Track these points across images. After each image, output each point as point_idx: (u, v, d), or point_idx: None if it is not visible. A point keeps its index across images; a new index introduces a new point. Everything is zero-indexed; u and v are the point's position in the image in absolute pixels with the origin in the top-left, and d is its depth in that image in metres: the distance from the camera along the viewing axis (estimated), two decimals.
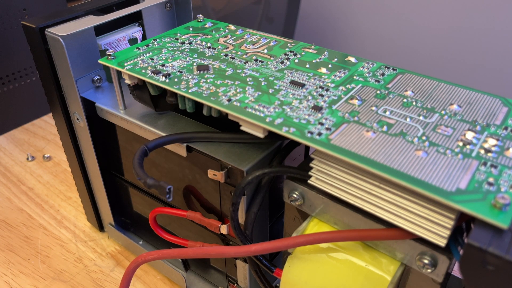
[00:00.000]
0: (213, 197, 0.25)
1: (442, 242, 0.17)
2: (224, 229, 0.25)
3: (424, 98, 0.21)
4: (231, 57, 0.25)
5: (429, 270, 0.18)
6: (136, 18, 0.30)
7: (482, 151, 0.17)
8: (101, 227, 0.35)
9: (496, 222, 0.14)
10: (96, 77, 0.28)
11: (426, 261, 0.18)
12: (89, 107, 0.28)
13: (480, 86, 0.21)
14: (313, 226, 0.22)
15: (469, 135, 0.18)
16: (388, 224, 0.18)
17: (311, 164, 0.20)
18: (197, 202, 0.26)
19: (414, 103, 0.20)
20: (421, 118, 0.19)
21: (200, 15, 0.30)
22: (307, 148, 0.27)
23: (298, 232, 0.22)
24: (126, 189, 0.32)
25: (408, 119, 0.19)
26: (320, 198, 0.21)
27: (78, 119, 0.28)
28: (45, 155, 0.44)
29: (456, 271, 0.19)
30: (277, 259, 0.27)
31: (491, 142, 0.18)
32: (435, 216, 0.17)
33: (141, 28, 0.30)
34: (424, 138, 0.18)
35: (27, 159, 0.44)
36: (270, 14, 1.16)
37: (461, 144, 0.18)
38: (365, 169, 0.17)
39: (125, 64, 0.24)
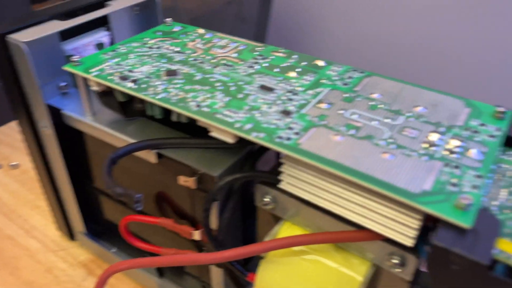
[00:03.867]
0: (185, 203, 0.25)
1: (409, 242, 0.17)
2: (197, 235, 0.24)
3: (390, 100, 0.21)
4: (200, 62, 0.25)
5: (398, 270, 0.19)
6: (103, 23, 0.29)
7: (446, 152, 0.18)
8: (72, 236, 0.34)
9: (460, 222, 0.14)
10: (62, 84, 0.28)
11: (395, 261, 0.18)
12: (56, 115, 0.27)
13: (444, 87, 0.22)
14: (286, 230, 0.22)
15: (434, 137, 0.19)
16: (358, 226, 0.19)
17: (281, 169, 0.20)
18: (169, 208, 0.26)
19: (380, 106, 0.21)
20: (387, 120, 0.20)
21: (169, 18, 0.29)
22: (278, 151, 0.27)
23: (270, 236, 0.22)
24: (97, 196, 0.31)
25: (375, 122, 0.19)
26: (291, 202, 0.21)
27: (44, 127, 0.27)
28: (12, 163, 0.43)
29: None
30: (253, 263, 0.27)
31: (454, 143, 0.18)
32: (402, 217, 0.17)
33: (108, 33, 0.30)
34: (390, 140, 0.18)
35: None
36: (243, 14, 1.16)
37: (426, 145, 0.18)
38: (333, 173, 0.17)
39: (92, 71, 0.24)
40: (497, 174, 0.18)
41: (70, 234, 0.34)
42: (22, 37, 0.25)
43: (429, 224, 0.19)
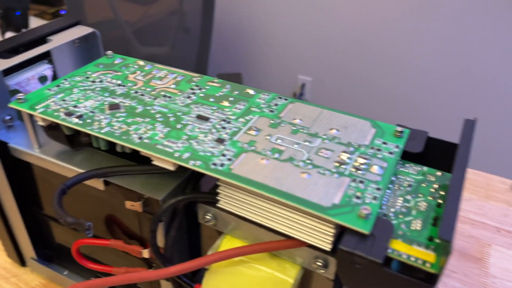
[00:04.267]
0: (133, 225, 0.27)
1: (327, 247, 0.20)
2: (146, 254, 0.26)
3: (309, 124, 0.24)
4: (140, 94, 0.27)
5: (322, 271, 0.22)
6: (45, 56, 0.31)
7: (353, 169, 0.21)
8: (22, 262, 0.35)
9: (360, 229, 0.18)
10: (7, 117, 0.29)
11: (319, 263, 0.22)
12: (2, 148, 0.28)
13: (356, 110, 0.26)
14: (226, 243, 0.25)
15: (344, 156, 0.22)
16: (286, 235, 0.22)
17: (218, 190, 0.22)
18: (119, 230, 0.28)
19: (301, 130, 0.24)
20: (306, 143, 0.23)
21: (109, 51, 0.31)
22: None
23: (213, 249, 0.25)
24: (47, 222, 0.32)
25: (295, 145, 0.23)
26: (230, 218, 0.24)
27: None
28: None
29: None
30: (201, 274, 0.30)
31: (361, 160, 0.22)
32: (319, 227, 0.20)
33: (51, 66, 0.31)
34: (308, 161, 0.22)
35: None
36: (186, 25, 1.17)
37: (337, 164, 0.21)
38: (260, 193, 0.20)
39: (37, 107, 0.25)
40: (396, 185, 0.22)
41: (21, 260, 0.35)
42: None
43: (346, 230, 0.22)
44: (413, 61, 1.08)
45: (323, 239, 0.20)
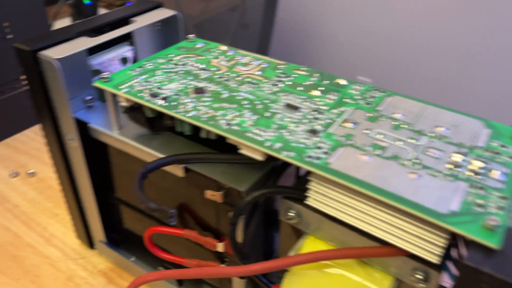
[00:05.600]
0: (209, 216, 0.25)
1: (435, 259, 0.18)
2: (220, 247, 0.25)
3: (413, 120, 0.22)
4: (225, 79, 0.25)
5: (421, 285, 0.19)
6: (126, 38, 0.30)
7: (470, 173, 0.18)
8: (91, 245, 0.35)
9: (489, 244, 0.15)
10: (88, 97, 0.29)
11: (419, 276, 0.19)
12: (82, 128, 0.28)
13: (463, 108, 0.23)
14: (309, 244, 0.23)
15: (457, 157, 0.19)
16: (382, 241, 0.19)
17: (308, 186, 0.20)
18: (193, 220, 0.27)
19: (404, 126, 0.21)
20: (411, 141, 0.20)
21: (192, 35, 0.30)
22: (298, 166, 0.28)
23: (295, 250, 0.23)
24: (118, 206, 0.32)
25: (399, 142, 0.20)
26: (316, 217, 0.22)
27: (71, 139, 0.28)
28: (29, 171, 0.43)
29: (446, 283, 0.20)
30: (272, 274, 0.28)
31: (478, 164, 0.19)
32: (428, 235, 0.18)
33: (132, 47, 0.30)
34: (416, 161, 0.19)
35: (10, 175, 0.43)
36: (245, 21, 1.17)
37: (450, 166, 0.19)
38: (364, 193, 0.18)
39: (121, 87, 0.24)
40: None
41: (90, 242, 0.35)
42: (54, 53, 0.25)
43: (451, 241, 0.19)
44: (480, 60, 1.01)
45: (431, 249, 0.18)
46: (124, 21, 0.30)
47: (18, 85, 0.48)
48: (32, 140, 0.49)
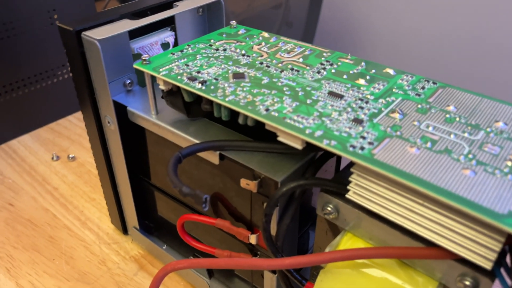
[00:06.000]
0: (243, 206, 0.25)
1: (488, 265, 0.16)
2: (253, 239, 0.24)
3: (467, 114, 0.20)
4: (266, 66, 0.24)
5: None
6: (168, 23, 0.30)
7: None
8: (125, 230, 0.35)
9: None
10: (128, 81, 0.28)
11: (467, 283, 0.17)
12: (121, 111, 0.28)
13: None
14: (347, 241, 0.21)
15: None
16: (428, 242, 0.18)
17: (350, 178, 0.19)
18: (225, 210, 0.26)
19: (457, 119, 0.20)
20: (465, 135, 0.19)
21: (234, 21, 0.29)
22: (338, 160, 0.27)
23: (331, 247, 0.21)
24: (152, 193, 0.32)
25: (452, 136, 0.19)
26: (356, 213, 0.20)
27: (109, 122, 0.28)
28: (70, 155, 0.44)
29: None
30: (304, 270, 0.27)
31: None
32: (482, 238, 0.16)
33: (173, 33, 0.30)
34: (470, 156, 0.17)
35: (52, 158, 0.44)
36: (289, 19, 1.15)
37: (510, 164, 0.17)
38: (411, 186, 0.16)
39: (161, 70, 0.24)
40: None
41: (124, 228, 0.35)
42: (96, 34, 0.25)
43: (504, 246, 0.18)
44: None
45: (484, 253, 0.16)
46: (168, 6, 0.30)
47: (65, 70, 0.49)
48: (75, 125, 0.50)
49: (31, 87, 0.47)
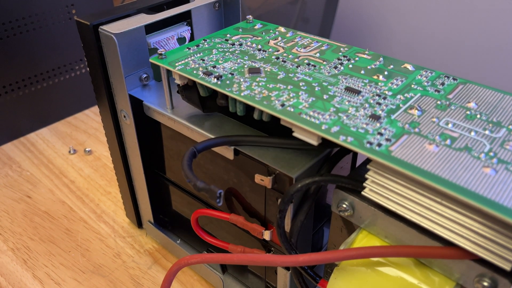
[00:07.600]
0: (257, 202, 0.25)
1: (507, 266, 0.16)
2: (267, 235, 0.24)
3: (488, 111, 0.20)
4: (282, 60, 0.24)
5: None
6: (184, 17, 0.30)
7: None
8: (139, 224, 0.35)
9: None
10: (144, 75, 0.29)
11: (485, 284, 0.17)
12: (137, 105, 0.28)
13: None
14: (362, 239, 0.21)
15: None
16: (446, 242, 0.18)
17: (366, 175, 0.19)
18: (239, 205, 0.26)
19: (478, 116, 0.19)
20: (486, 132, 0.18)
21: (250, 16, 0.29)
22: (354, 157, 0.26)
23: (346, 244, 0.21)
24: (167, 187, 0.32)
25: (472, 133, 0.18)
26: (371, 210, 0.20)
27: (125, 116, 0.28)
28: (86, 149, 0.45)
29: None
30: (317, 268, 0.27)
31: None
32: (502, 238, 0.16)
33: (189, 27, 0.30)
34: (491, 154, 0.17)
35: (69, 152, 0.45)
36: (306, 15, 1.15)
37: None
38: (429, 184, 0.16)
39: (176, 64, 0.24)
40: None
41: (138, 222, 0.35)
42: (113, 28, 0.25)
43: None
44: None
45: (504, 254, 0.16)
46: (184, 0, 0.30)
47: (83, 65, 0.50)
48: (92, 119, 0.50)
49: (49, 81, 0.48)
